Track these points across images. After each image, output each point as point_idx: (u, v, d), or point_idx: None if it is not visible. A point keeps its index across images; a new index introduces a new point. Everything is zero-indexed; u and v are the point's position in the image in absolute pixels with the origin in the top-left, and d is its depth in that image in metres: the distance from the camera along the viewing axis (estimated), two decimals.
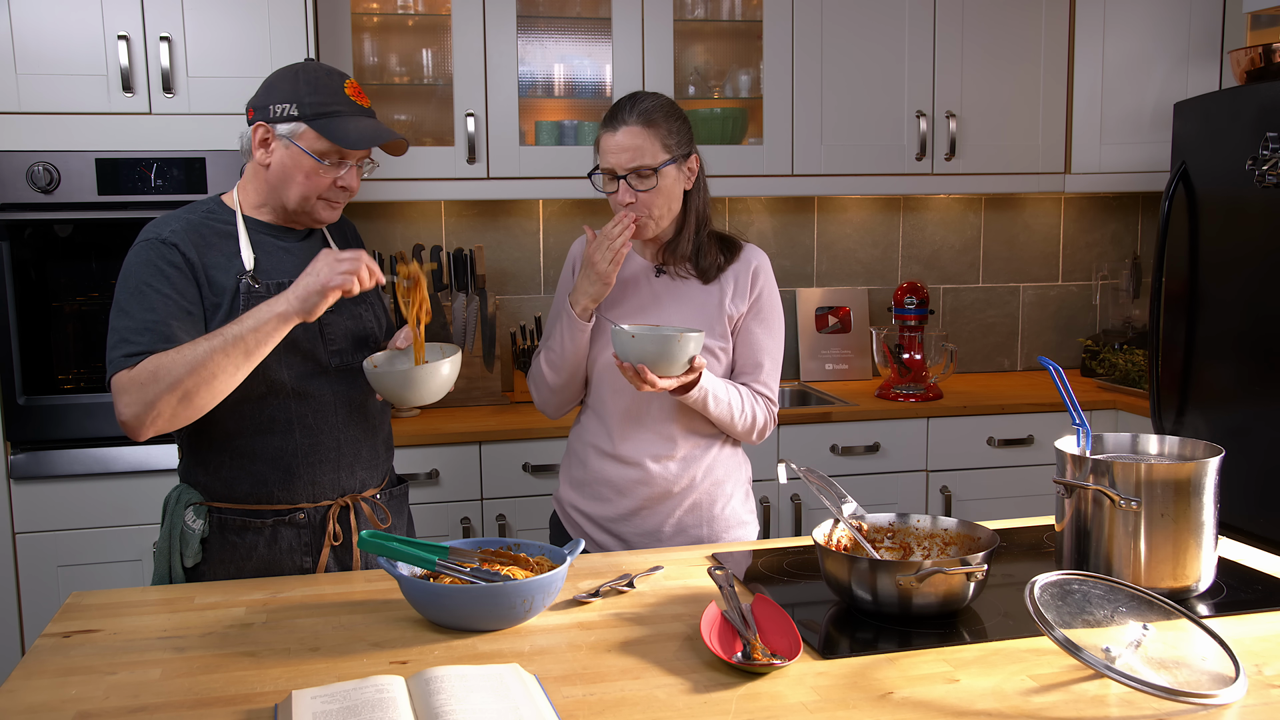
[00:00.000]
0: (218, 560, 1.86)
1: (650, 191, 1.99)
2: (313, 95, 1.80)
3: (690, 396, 1.97)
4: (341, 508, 1.91)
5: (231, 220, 1.86)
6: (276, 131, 1.81)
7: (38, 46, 2.72)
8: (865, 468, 3.24)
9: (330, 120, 1.80)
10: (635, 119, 1.99)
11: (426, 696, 1.24)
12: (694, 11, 3.44)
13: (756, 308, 2.11)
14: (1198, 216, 2.96)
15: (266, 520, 1.86)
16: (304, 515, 1.88)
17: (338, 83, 1.83)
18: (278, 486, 1.86)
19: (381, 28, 3.35)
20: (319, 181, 1.82)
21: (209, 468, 1.86)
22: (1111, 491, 1.57)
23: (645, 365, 1.85)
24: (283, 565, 1.87)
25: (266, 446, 1.85)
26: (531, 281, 3.59)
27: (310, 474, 1.87)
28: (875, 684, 1.34)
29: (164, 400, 1.68)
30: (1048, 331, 4.02)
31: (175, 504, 1.87)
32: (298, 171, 1.81)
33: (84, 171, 2.76)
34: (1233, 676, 1.30)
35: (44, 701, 1.31)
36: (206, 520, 1.85)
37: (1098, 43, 3.52)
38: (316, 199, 1.84)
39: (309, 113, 1.79)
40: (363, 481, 1.95)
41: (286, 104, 1.80)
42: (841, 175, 3.44)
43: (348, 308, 1.92)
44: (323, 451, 1.88)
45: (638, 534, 2.09)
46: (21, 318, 2.79)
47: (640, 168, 1.98)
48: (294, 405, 1.85)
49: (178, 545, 1.84)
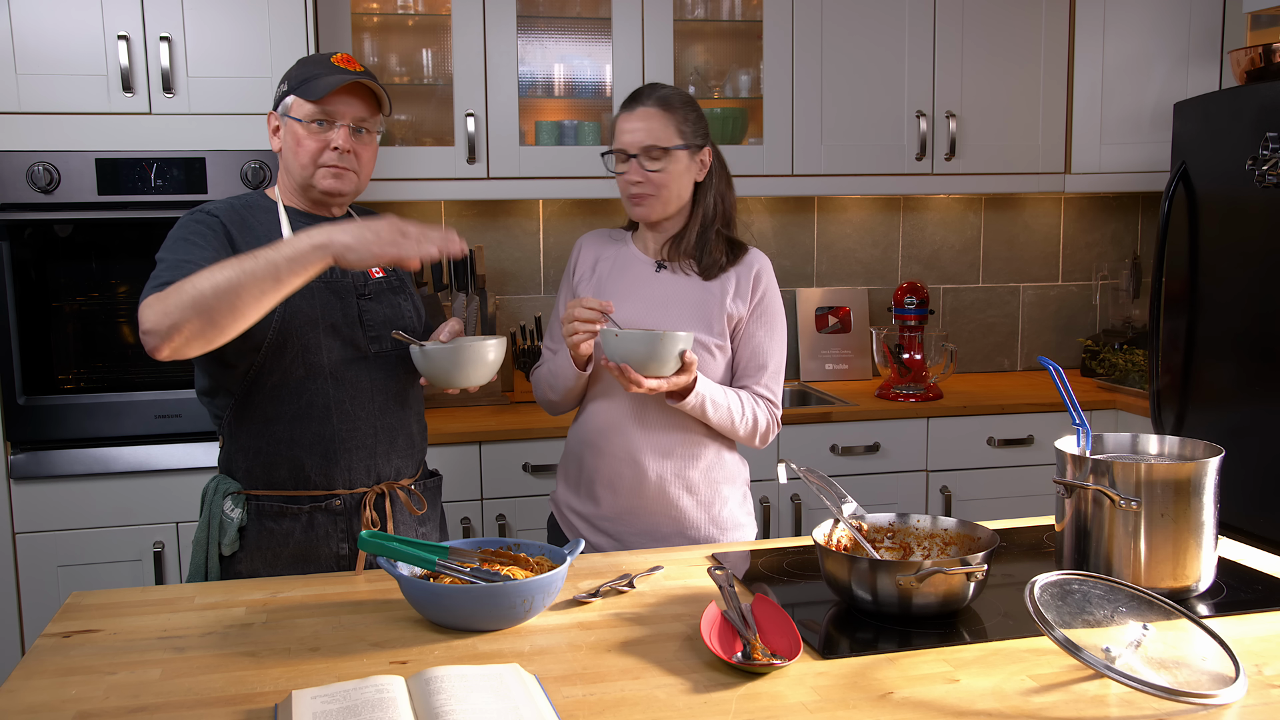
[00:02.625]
0: (255, 548, 1.87)
1: (660, 173, 2.01)
2: (300, 69, 1.90)
3: (687, 403, 1.96)
4: (377, 495, 1.94)
5: (273, 209, 1.92)
6: (279, 113, 1.90)
7: (38, 46, 2.72)
8: (865, 468, 3.24)
9: (308, 83, 1.86)
10: (653, 102, 2.03)
11: (426, 696, 1.24)
12: (694, 11, 3.44)
13: (759, 310, 2.11)
14: (1198, 216, 2.96)
15: (303, 506, 1.88)
16: (340, 502, 1.90)
17: (327, 56, 1.91)
18: (315, 471, 1.88)
19: (381, 28, 3.35)
20: (312, 146, 1.87)
21: (249, 453, 1.88)
22: (1111, 491, 1.57)
23: (630, 365, 1.86)
24: (319, 552, 1.89)
25: (305, 431, 1.87)
26: (531, 281, 3.59)
27: (347, 460, 1.90)
28: (875, 684, 1.34)
29: (186, 314, 1.59)
30: (1048, 331, 4.02)
31: (214, 494, 1.89)
32: (294, 141, 1.88)
33: (84, 171, 2.76)
34: (1233, 676, 1.30)
35: (44, 701, 1.31)
36: (244, 509, 1.87)
37: (1098, 43, 3.52)
38: (317, 168, 1.88)
39: (294, 84, 1.88)
40: (398, 470, 1.97)
41: (282, 85, 1.90)
42: (841, 175, 3.44)
43: (387, 297, 1.96)
44: (360, 437, 1.90)
45: (635, 534, 2.09)
46: (21, 318, 2.79)
47: (652, 147, 2.00)
48: (332, 390, 1.87)
49: (216, 534, 1.86)
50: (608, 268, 2.14)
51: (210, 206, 1.89)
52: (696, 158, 2.06)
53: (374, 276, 1.96)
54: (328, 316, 1.87)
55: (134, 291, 2.90)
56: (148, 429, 2.86)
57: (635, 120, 2.02)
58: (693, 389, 1.95)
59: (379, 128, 1.94)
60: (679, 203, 2.07)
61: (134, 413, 2.85)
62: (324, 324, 1.86)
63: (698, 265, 2.09)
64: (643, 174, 2.01)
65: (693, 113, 2.06)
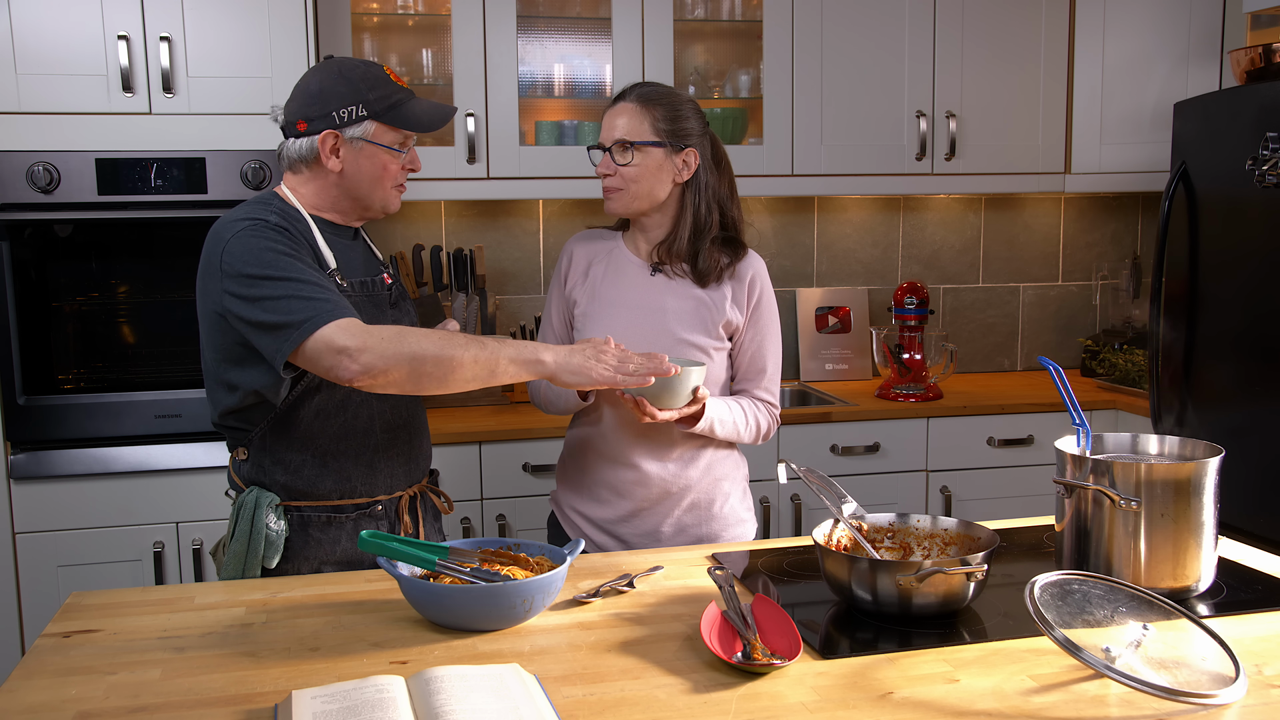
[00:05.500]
0: (301, 558, 1.88)
1: (628, 166, 2.02)
2: (373, 91, 1.84)
3: (696, 428, 1.99)
4: (410, 497, 1.97)
5: (303, 219, 1.87)
6: (346, 135, 1.83)
7: (38, 46, 2.72)
8: (865, 468, 3.24)
9: (397, 110, 1.84)
10: (633, 98, 2.04)
11: (426, 696, 1.24)
12: (694, 11, 3.44)
13: (756, 315, 2.11)
14: (1198, 216, 2.96)
15: (349, 515, 1.90)
16: (381, 507, 1.92)
17: (384, 73, 1.87)
18: (360, 482, 1.90)
19: (381, 28, 3.35)
20: (396, 170, 1.88)
21: (288, 467, 1.87)
22: (1111, 491, 1.57)
23: (646, 397, 1.87)
24: (365, 557, 1.88)
25: (349, 446, 1.88)
26: (531, 281, 3.59)
27: (389, 467, 1.93)
28: (875, 684, 1.34)
29: (400, 366, 1.67)
30: (1048, 331, 4.02)
31: (255, 508, 1.85)
32: (377, 167, 1.85)
33: (84, 171, 2.76)
34: (1233, 676, 1.30)
35: (44, 701, 1.31)
36: (286, 520, 1.87)
37: (1098, 43, 3.52)
38: (390, 189, 1.89)
39: (378, 108, 1.83)
40: (423, 470, 2.02)
41: (352, 106, 1.82)
42: (841, 175, 3.44)
43: (403, 304, 2.00)
44: (399, 445, 1.94)
45: (637, 535, 2.09)
46: (21, 318, 2.79)
47: (623, 140, 2.01)
48: (375, 403, 1.89)
49: (259, 548, 1.83)
50: (601, 271, 2.12)
51: (269, 219, 1.78)
52: (677, 157, 2.04)
53: (389, 283, 1.97)
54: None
55: (134, 291, 2.90)
56: (148, 429, 2.86)
57: (614, 115, 2.04)
58: (702, 415, 1.97)
59: None
60: (650, 200, 2.05)
61: (134, 413, 2.85)
62: None
63: (692, 271, 2.08)
64: (612, 166, 2.03)
65: (675, 111, 2.03)
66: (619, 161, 2.02)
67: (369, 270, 1.96)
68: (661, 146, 2.02)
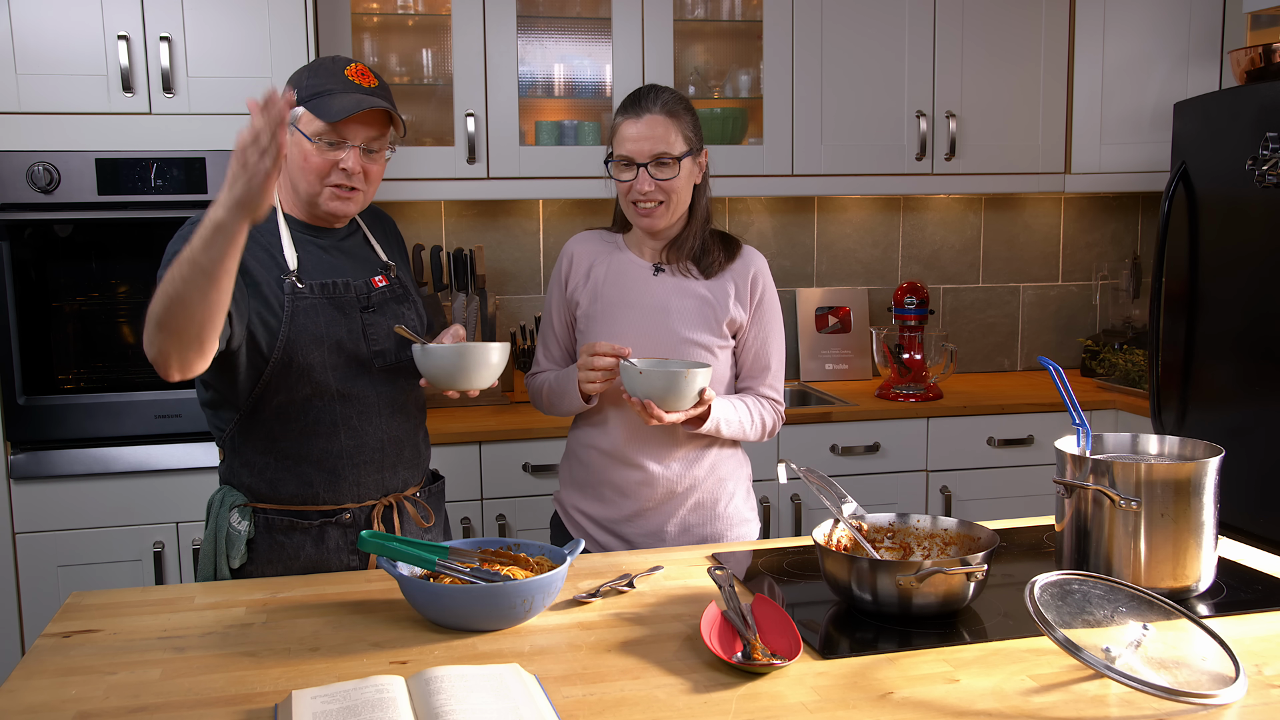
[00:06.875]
0: (265, 560, 1.86)
1: (669, 181, 2.00)
2: (311, 78, 1.81)
3: (702, 429, 1.99)
4: (385, 507, 1.92)
5: (271, 219, 1.84)
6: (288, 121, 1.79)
7: (38, 46, 2.72)
8: (865, 468, 3.24)
9: (321, 99, 1.79)
10: (659, 108, 2.01)
11: (426, 696, 1.24)
12: (694, 11, 3.44)
13: (759, 313, 2.12)
14: (1198, 216, 2.96)
15: (314, 521, 1.86)
16: (350, 515, 1.88)
17: (340, 66, 1.83)
18: (323, 488, 1.86)
19: (381, 28, 3.35)
20: (318, 164, 1.80)
21: (253, 469, 1.86)
22: (1111, 491, 1.57)
23: (653, 400, 1.87)
24: (330, 565, 1.87)
25: (312, 449, 1.85)
26: (531, 281, 3.59)
27: (355, 475, 1.88)
28: (875, 684, 1.34)
29: (158, 340, 1.56)
30: (1048, 331, 4.02)
31: (220, 506, 1.86)
32: (300, 156, 1.81)
33: (84, 171, 2.76)
34: (1233, 676, 1.30)
35: (44, 701, 1.31)
36: (252, 521, 1.85)
37: (1098, 43, 3.52)
38: (323, 187, 1.82)
39: (305, 95, 1.80)
40: (405, 480, 1.95)
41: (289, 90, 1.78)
42: (841, 175, 3.44)
43: (390, 307, 1.93)
44: (367, 453, 1.88)
45: (642, 535, 2.10)
46: (21, 318, 2.79)
47: (663, 155, 1.99)
48: (339, 407, 1.85)
49: (224, 547, 1.83)
50: (603, 273, 2.12)
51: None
52: (698, 161, 2.07)
53: (377, 286, 1.92)
54: (332, 333, 1.83)
55: (134, 291, 2.90)
56: (148, 429, 2.86)
57: (642, 128, 1.99)
58: (708, 417, 1.97)
59: (391, 146, 1.89)
60: (683, 209, 2.07)
61: (134, 413, 2.85)
62: (329, 341, 1.82)
63: (698, 266, 2.09)
64: (653, 183, 2.00)
65: (692, 116, 2.06)
66: (659, 177, 2.00)
67: (358, 272, 1.91)
68: (692, 155, 2.03)
